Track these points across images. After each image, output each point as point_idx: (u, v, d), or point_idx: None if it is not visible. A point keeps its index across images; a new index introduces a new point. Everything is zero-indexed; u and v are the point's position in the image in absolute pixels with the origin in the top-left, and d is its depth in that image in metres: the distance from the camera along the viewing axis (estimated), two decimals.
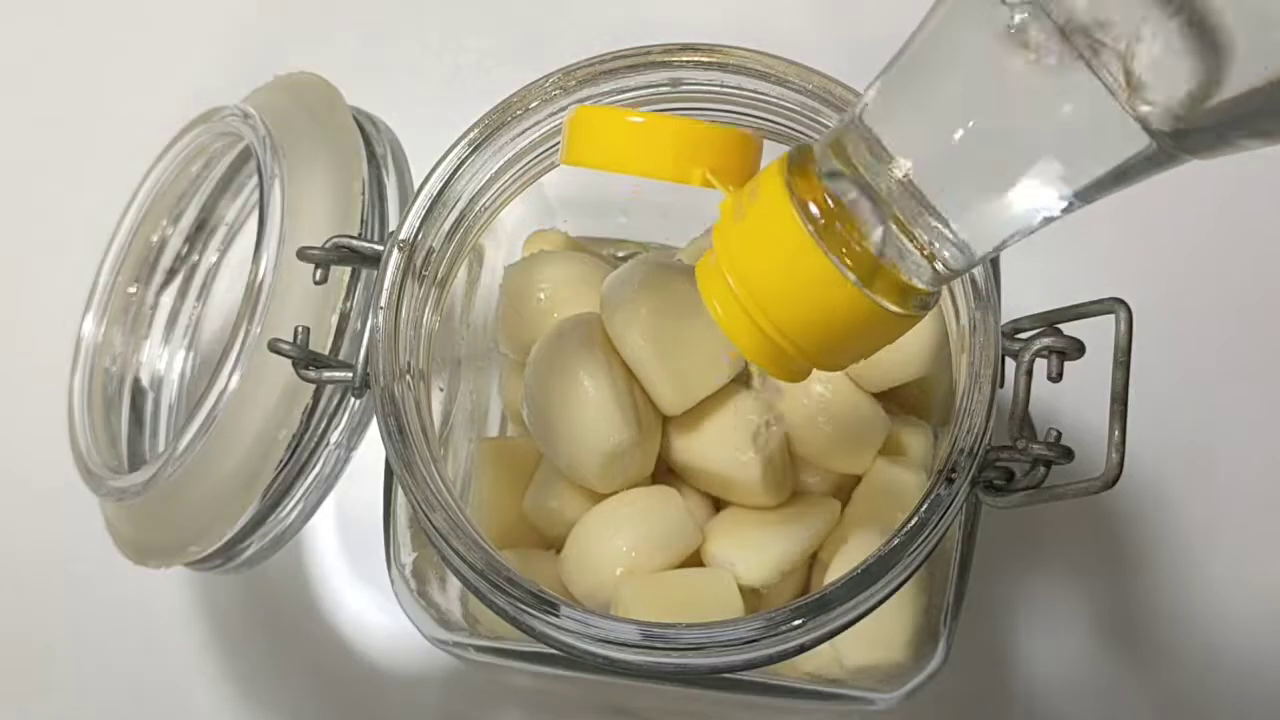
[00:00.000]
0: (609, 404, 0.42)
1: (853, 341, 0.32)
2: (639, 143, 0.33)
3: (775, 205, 0.31)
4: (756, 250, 0.32)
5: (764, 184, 0.32)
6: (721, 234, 0.33)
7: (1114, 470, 0.36)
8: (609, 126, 0.34)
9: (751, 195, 0.32)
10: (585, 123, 0.34)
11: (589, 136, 0.34)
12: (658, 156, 0.33)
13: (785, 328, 0.32)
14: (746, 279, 0.32)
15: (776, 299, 0.31)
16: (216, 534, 0.43)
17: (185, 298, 0.52)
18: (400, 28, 0.62)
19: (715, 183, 0.33)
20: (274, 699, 0.55)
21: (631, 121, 0.34)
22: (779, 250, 0.31)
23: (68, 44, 0.63)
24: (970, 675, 0.51)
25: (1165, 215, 0.57)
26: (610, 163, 0.34)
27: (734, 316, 0.32)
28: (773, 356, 0.32)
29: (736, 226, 0.32)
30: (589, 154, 0.34)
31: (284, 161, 0.43)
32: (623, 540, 0.42)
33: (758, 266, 0.32)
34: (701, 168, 0.33)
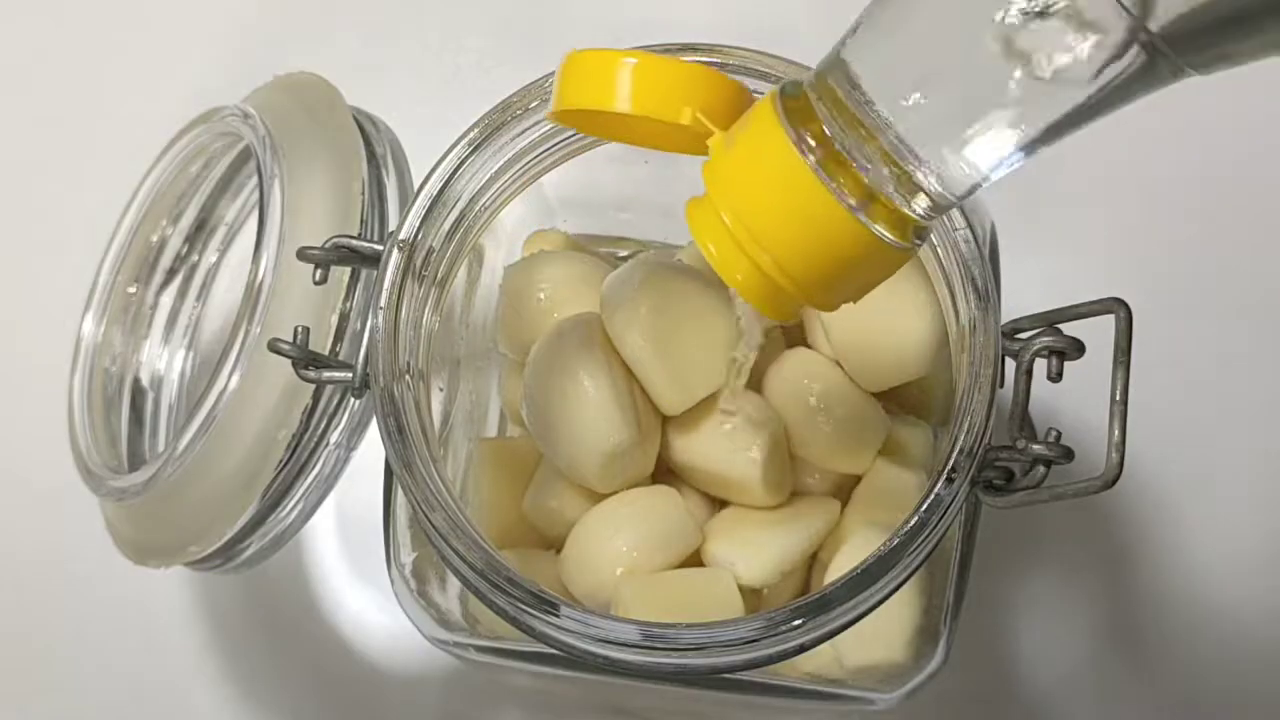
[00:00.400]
0: (609, 404, 0.42)
1: (850, 275, 0.32)
2: (631, 80, 0.33)
3: (770, 136, 0.31)
4: (751, 182, 0.31)
5: (756, 116, 0.31)
6: (712, 169, 0.32)
7: (1114, 470, 0.36)
8: (600, 66, 0.33)
9: (743, 128, 0.32)
10: (577, 64, 0.34)
11: (580, 78, 0.34)
12: (649, 93, 0.33)
13: (782, 261, 0.31)
14: (741, 213, 0.31)
15: (773, 231, 0.31)
16: (216, 534, 0.43)
17: (185, 298, 0.52)
18: (400, 28, 0.62)
19: (705, 122, 0.33)
20: (274, 699, 0.55)
21: (624, 60, 0.33)
22: (775, 181, 0.31)
23: (68, 44, 0.63)
24: (970, 675, 0.51)
25: (1165, 215, 0.57)
26: (601, 100, 0.33)
27: (728, 253, 0.32)
28: (768, 293, 0.32)
29: (728, 159, 0.32)
30: (580, 95, 0.33)
31: (284, 161, 0.43)
32: (623, 540, 0.42)
33: (753, 199, 0.31)
34: (692, 106, 0.33)
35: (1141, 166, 0.58)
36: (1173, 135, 0.57)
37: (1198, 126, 0.58)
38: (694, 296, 0.43)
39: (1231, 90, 0.57)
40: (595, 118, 0.34)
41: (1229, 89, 0.57)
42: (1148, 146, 0.57)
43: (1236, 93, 0.58)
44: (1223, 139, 0.58)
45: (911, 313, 0.43)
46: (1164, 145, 0.57)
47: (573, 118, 0.35)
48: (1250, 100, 0.58)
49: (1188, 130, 0.58)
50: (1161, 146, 0.58)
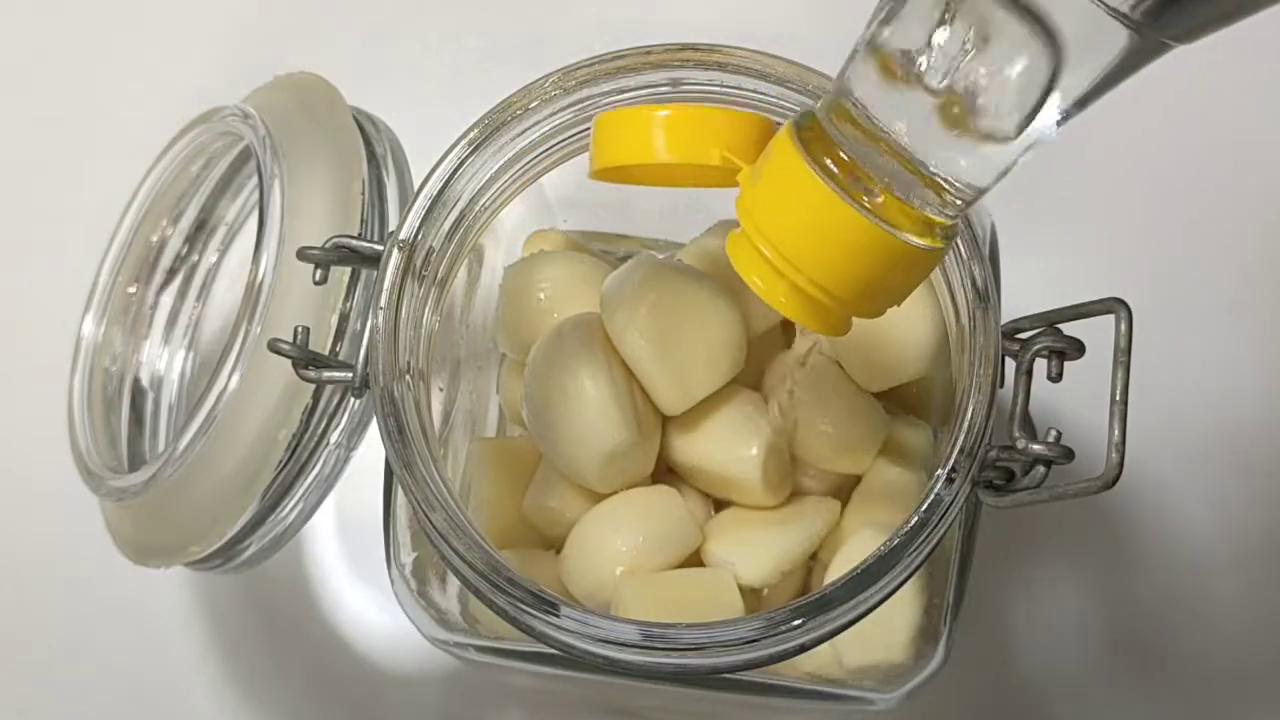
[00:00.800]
0: (609, 404, 0.42)
1: (887, 283, 0.33)
2: (665, 133, 0.35)
3: (790, 165, 0.32)
4: (780, 213, 0.33)
5: (776, 149, 0.33)
6: (744, 205, 0.34)
7: (1114, 470, 0.36)
8: (635, 123, 0.36)
9: (765, 160, 0.34)
10: (611, 123, 0.36)
11: (616, 135, 0.36)
12: (680, 142, 0.35)
13: (822, 281, 0.33)
14: (776, 243, 0.33)
15: (807, 255, 0.33)
16: (216, 534, 0.43)
17: (185, 298, 0.52)
18: (400, 28, 0.62)
19: (733, 159, 0.35)
20: (274, 699, 0.55)
21: (657, 115, 0.36)
22: (802, 208, 0.32)
23: (68, 44, 0.63)
24: (970, 675, 0.51)
25: (1165, 215, 0.57)
26: (641, 155, 0.36)
27: (771, 282, 0.33)
28: (815, 312, 0.34)
29: (756, 193, 0.34)
30: (620, 153, 0.36)
31: (284, 161, 0.43)
32: (623, 540, 0.42)
33: (783, 227, 0.33)
34: (719, 147, 0.35)
35: (1142, 167, 0.58)
36: (1173, 135, 0.58)
37: (1198, 126, 0.58)
38: (694, 296, 0.43)
39: (1232, 90, 0.58)
40: (633, 169, 0.37)
41: (1230, 88, 0.58)
42: (1148, 147, 0.58)
43: (1237, 92, 0.58)
44: (1223, 139, 0.58)
45: (911, 313, 0.43)
46: (1164, 145, 0.58)
47: (613, 172, 0.37)
48: (1251, 100, 0.58)
49: (1188, 130, 0.58)
50: (1161, 147, 0.58)
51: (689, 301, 0.43)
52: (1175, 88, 0.55)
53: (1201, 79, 0.56)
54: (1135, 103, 0.49)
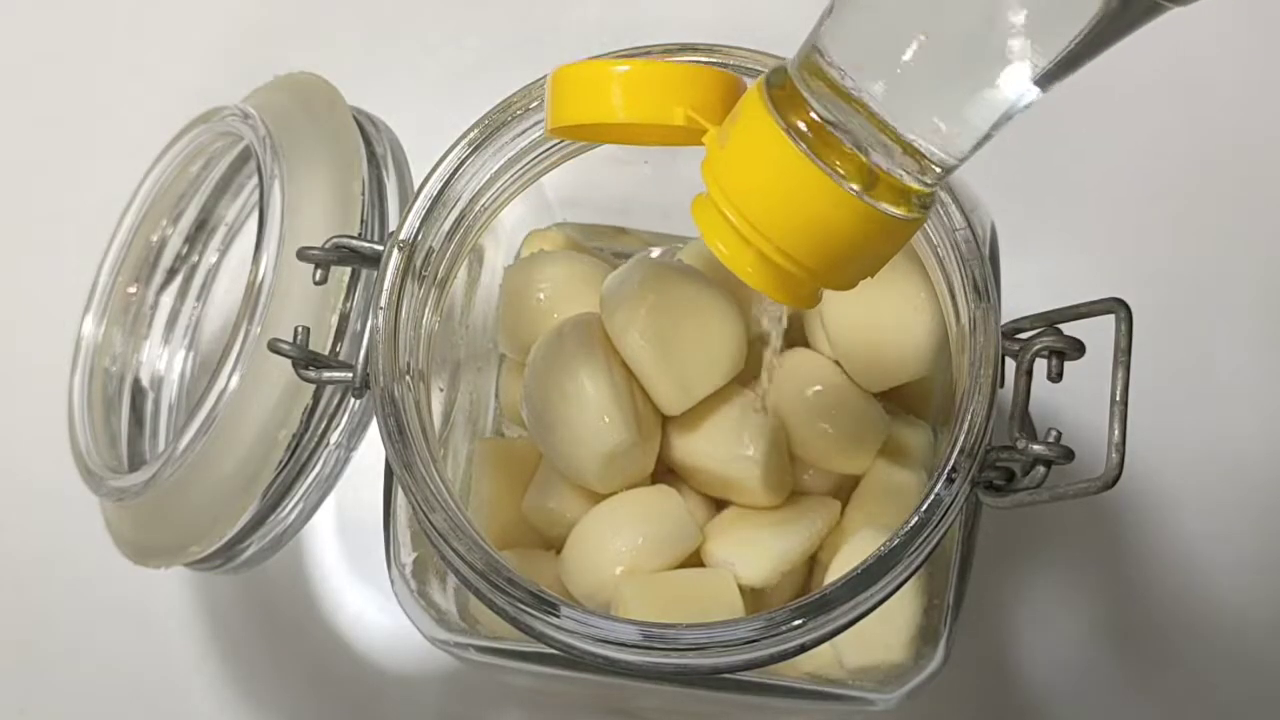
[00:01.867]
0: (609, 404, 0.42)
1: (859, 253, 0.32)
2: (622, 90, 0.33)
3: (759, 126, 0.31)
4: (746, 176, 0.31)
5: (745, 108, 0.31)
6: (709, 166, 0.32)
7: (1114, 470, 0.36)
8: (590, 78, 0.34)
9: (733, 122, 0.32)
10: (566, 78, 0.34)
11: (571, 92, 0.34)
12: (640, 99, 0.33)
13: (790, 249, 0.31)
14: (741, 206, 0.31)
15: (775, 221, 0.31)
16: (216, 534, 0.43)
17: (185, 298, 0.52)
18: (400, 28, 0.62)
19: (698, 119, 0.33)
20: (274, 699, 0.55)
21: (614, 70, 0.33)
22: (771, 171, 0.31)
23: (68, 44, 0.63)
24: (970, 675, 0.51)
25: (1165, 215, 0.57)
26: (595, 113, 0.33)
27: (737, 250, 0.32)
28: (781, 282, 0.32)
29: (723, 155, 0.32)
30: (574, 110, 0.34)
31: (284, 161, 0.43)
32: (623, 540, 0.42)
33: (751, 192, 0.31)
34: (683, 106, 0.33)
35: (1142, 166, 0.58)
36: (1173, 135, 0.58)
37: (1198, 126, 0.58)
38: (694, 296, 0.43)
39: (1232, 90, 0.58)
40: (591, 127, 0.34)
41: (1230, 89, 0.58)
42: (1148, 146, 0.57)
43: (1237, 92, 0.58)
44: (1223, 139, 0.58)
45: (911, 313, 0.43)
46: (1164, 145, 0.58)
47: (569, 130, 0.35)
48: (1251, 100, 0.58)
49: (1188, 130, 0.58)
50: (1162, 146, 0.58)
51: (689, 301, 0.43)
52: (1176, 87, 0.55)
53: (1202, 79, 0.56)
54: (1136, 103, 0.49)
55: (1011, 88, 0.29)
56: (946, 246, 0.39)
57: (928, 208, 0.32)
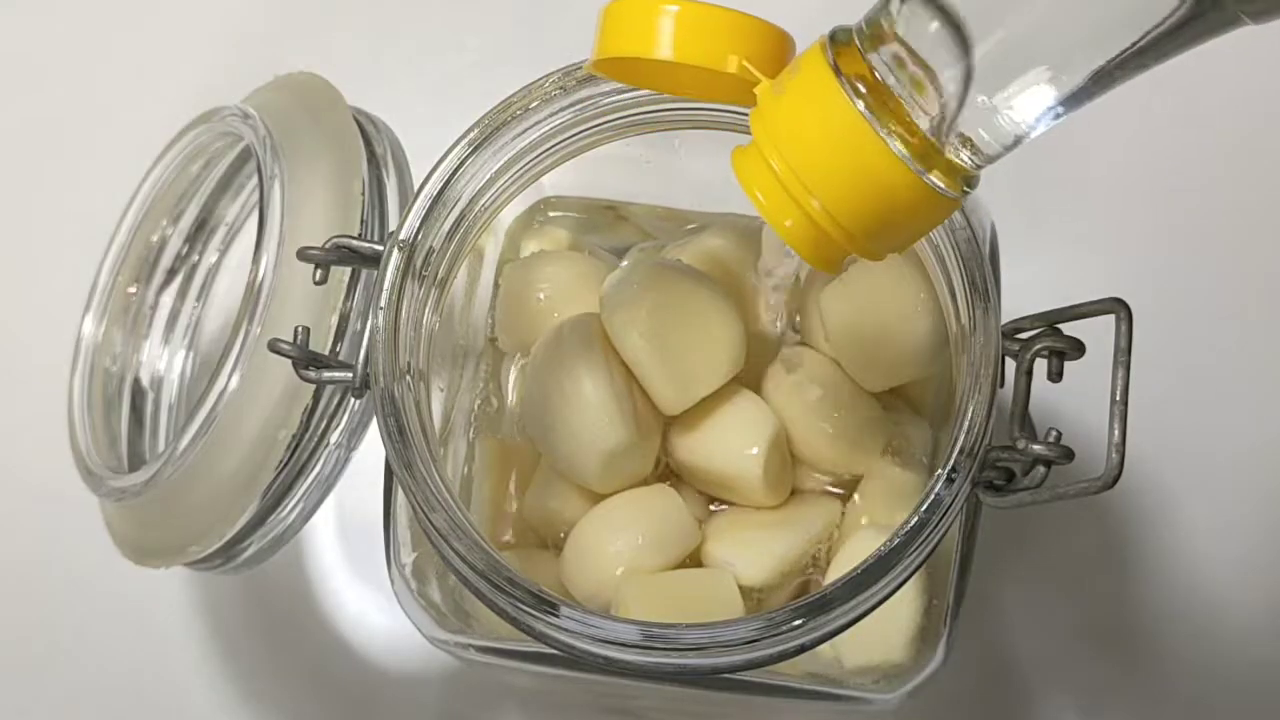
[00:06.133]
0: (609, 404, 0.42)
1: (899, 223, 0.32)
2: (675, 27, 0.32)
3: (820, 82, 0.30)
4: (801, 130, 0.31)
5: (805, 63, 0.31)
6: (760, 117, 0.32)
7: (1114, 470, 0.36)
8: (643, 13, 0.33)
9: (791, 75, 0.31)
10: (618, 11, 0.33)
11: (622, 25, 0.33)
12: (694, 41, 0.32)
13: (833, 208, 0.31)
14: (790, 159, 0.31)
15: (824, 179, 0.31)
16: (216, 534, 0.43)
17: (185, 298, 0.52)
18: (400, 28, 0.62)
19: (751, 70, 0.32)
20: (274, 699, 0.55)
21: (666, 7, 0.33)
22: (826, 128, 0.30)
23: (68, 44, 0.63)
24: (970, 675, 0.51)
25: (1165, 215, 0.57)
26: (645, 48, 0.33)
27: (777, 200, 0.31)
28: (816, 242, 0.32)
29: (777, 107, 0.31)
30: (622, 43, 0.33)
31: (284, 161, 0.43)
32: (623, 540, 0.42)
33: (802, 146, 0.31)
34: (738, 54, 0.32)
35: (1142, 167, 0.58)
36: (1173, 135, 0.58)
37: (1199, 126, 0.58)
38: (694, 296, 0.43)
39: (1233, 89, 0.58)
40: (637, 67, 0.34)
41: (1230, 88, 0.57)
42: (1148, 146, 0.57)
43: (1238, 92, 0.58)
44: (1224, 139, 0.58)
45: (911, 313, 0.43)
46: (1165, 145, 0.58)
47: (613, 67, 0.34)
48: (1251, 100, 0.58)
49: (1188, 130, 0.58)
50: (1162, 146, 0.58)
51: (689, 302, 0.43)
52: (1176, 87, 0.55)
53: (1203, 79, 0.56)
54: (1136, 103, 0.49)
55: (1068, 84, 0.29)
56: (946, 246, 0.39)
57: (970, 189, 0.32)
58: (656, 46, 0.32)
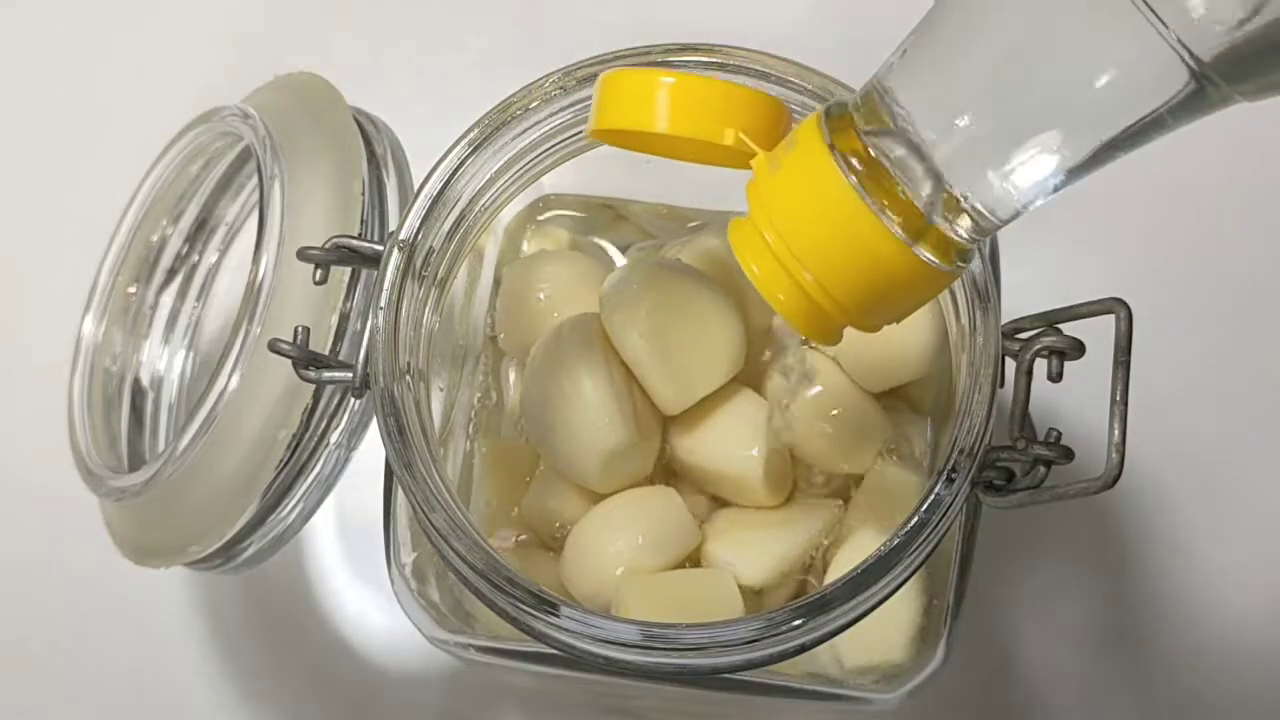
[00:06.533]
0: (608, 404, 0.42)
1: (893, 298, 0.32)
2: (670, 101, 0.33)
3: (815, 158, 0.31)
4: (795, 205, 0.31)
5: (801, 138, 0.31)
6: (756, 190, 0.32)
7: (1114, 470, 0.36)
8: (641, 87, 0.33)
9: (787, 150, 0.32)
10: (616, 85, 0.34)
11: (620, 98, 0.34)
12: (690, 114, 0.33)
13: (827, 283, 0.31)
14: (785, 233, 0.31)
15: (818, 254, 0.31)
16: (216, 534, 0.43)
17: (185, 298, 0.52)
18: (400, 28, 0.62)
19: (747, 142, 0.33)
20: (274, 699, 0.55)
21: (664, 80, 0.33)
22: (820, 204, 0.31)
23: (68, 44, 0.63)
24: (970, 675, 0.51)
25: (1165, 215, 0.57)
26: (642, 121, 0.33)
27: (772, 274, 0.32)
28: (811, 315, 0.32)
29: (773, 181, 0.32)
30: (619, 116, 0.33)
31: (284, 161, 0.43)
32: (623, 540, 0.42)
33: (798, 221, 0.31)
34: (734, 127, 0.33)
35: (1142, 166, 0.58)
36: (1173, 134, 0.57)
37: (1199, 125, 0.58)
38: (694, 296, 0.43)
39: None
40: (637, 136, 0.34)
41: None
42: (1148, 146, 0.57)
43: None
44: (1224, 139, 0.58)
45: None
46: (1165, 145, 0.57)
47: (613, 136, 0.35)
48: None
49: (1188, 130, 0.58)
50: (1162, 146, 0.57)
51: (689, 302, 0.43)
52: None
53: None
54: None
55: (1063, 163, 0.30)
56: None
57: (966, 263, 0.32)
58: (654, 120, 0.33)
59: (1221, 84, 0.27)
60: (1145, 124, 0.29)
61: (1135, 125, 0.29)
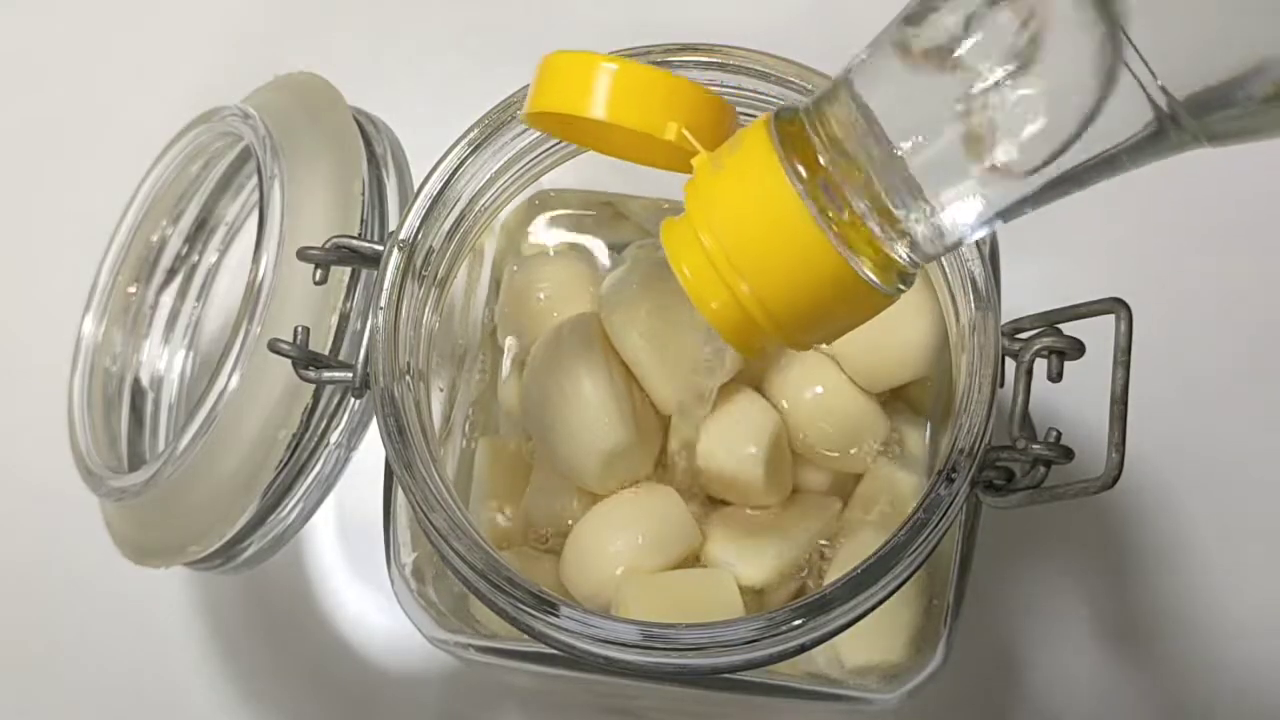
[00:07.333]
0: (608, 404, 0.42)
1: (828, 315, 0.31)
2: (610, 87, 0.31)
3: (760, 160, 0.30)
4: (736, 208, 0.30)
5: (748, 139, 0.30)
6: (695, 190, 0.31)
7: (1114, 470, 0.36)
8: (578, 69, 0.31)
9: (731, 151, 0.30)
10: (554, 65, 0.32)
11: (556, 80, 0.32)
12: (632, 103, 0.31)
13: (760, 292, 0.30)
14: (722, 238, 0.30)
15: (756, 263, 0.30)
16: (216, 534, 0.43)
17: (185, 298, 0.52)
18: (400, 28, 0.62)
19: (690, 139, 0.31)
20: (274, 699, 0.55)
21: (606, 65, 0.31)
22: (761, 208, 0.30)
23: (68, 44, 0.63)
24: (970, 675, 0.51)
25: (1165, 215, 0.57)
26: (579, 106, 0.31)
27: (706, 281, 0.30)
28: (740, 325, 0.31)
29: (714, 182, 0.30)
30: (554, 98, 0.32)
31: (284, 161, 0.43)
32: (623, 540, 0.42)
33: (736, 225, 0.30)
34: (677, 122, 0.31)
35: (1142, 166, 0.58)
36: None
37: None
38: None
39: None
40: (571, 123, 0.33)
41: None
42: None
43: None
44: None
45: (911, 313, 0.43)
46: None
47: (547, 121, 0.33)
48: None
49: None
50: None
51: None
52: None
53: None
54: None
55: (1015, 193, 0.29)
56: None
57: (904, 288, 0.31)
58: (591, 105, 0.31)
59: (1192, 127, 0.27)
60: (1099, 162, 0.28)
61: (1089, 162, 0.28)
